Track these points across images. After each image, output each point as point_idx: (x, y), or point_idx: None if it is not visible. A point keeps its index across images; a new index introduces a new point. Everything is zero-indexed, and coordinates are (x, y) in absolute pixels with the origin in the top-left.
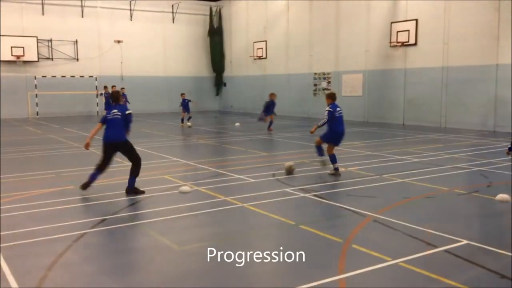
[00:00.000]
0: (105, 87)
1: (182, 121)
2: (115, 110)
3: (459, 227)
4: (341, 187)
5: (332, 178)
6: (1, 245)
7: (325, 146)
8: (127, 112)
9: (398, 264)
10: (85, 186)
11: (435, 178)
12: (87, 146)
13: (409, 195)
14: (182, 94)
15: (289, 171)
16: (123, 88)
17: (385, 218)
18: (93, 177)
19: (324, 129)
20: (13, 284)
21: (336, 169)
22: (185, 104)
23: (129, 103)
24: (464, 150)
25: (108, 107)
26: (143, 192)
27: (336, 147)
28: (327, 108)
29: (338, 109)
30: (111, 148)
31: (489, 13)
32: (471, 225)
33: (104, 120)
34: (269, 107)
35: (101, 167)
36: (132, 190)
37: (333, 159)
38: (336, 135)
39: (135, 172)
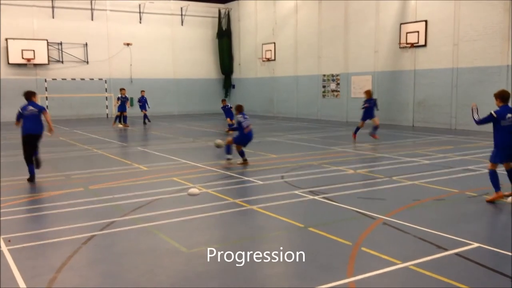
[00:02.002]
0: (122, 90)
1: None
2: (31, 107)
3: (470, 230)
4: (351, 189)
5: (245, 167)
6: (11, 247)
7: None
8: (42, 107)
9: (408, 267)
10: (30, 179)
11: (446, 180)
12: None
13: (419, 197)
14: (142, 92)
15: (218, 145)
16: (143, 91)
17: (395, 220)
18: (31, 170)
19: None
20: (23, 286)
21: (245, 160)
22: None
23: (149, 107)
24: (474, 151)
25: (121, 108)
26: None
27: (345, 150)
28: (238, 117)
29: (246, 116)
30: (29, 139)
31: (500, 14)
32: (482, 228)
33: (21, 116)
34: (369, 108)
35: (28, 158)
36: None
37: (241, 153)
38: (245, 138)
39: (37, 163)
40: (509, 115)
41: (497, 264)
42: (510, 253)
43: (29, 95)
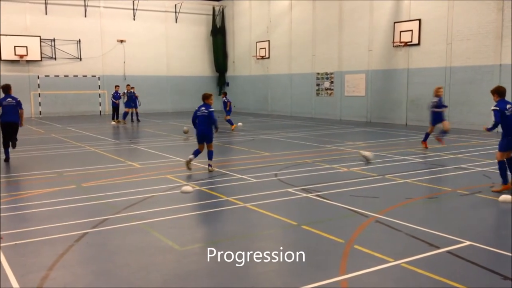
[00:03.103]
0: (128, 85)
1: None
2: (9, 99)
3: (462, 228)
4: (344, 187)
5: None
6: (2, 244)
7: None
8: (18, 99)
9: (400, 265)
10: (6, 160)
11: (438, 179)
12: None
13: (412, 195)
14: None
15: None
16: (133, 87)
17: (387, 218)
18: (6, 153)
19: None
20: (14, 284)
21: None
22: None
23: (139, 105)
24: (467, 150)
25: (128, 104)
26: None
27: (338, 148)
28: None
29: (202, 108)
30: (6, 127)
31: (493, 13)
32: (474, 226)
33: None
34: (438, 108)
35: (5, 144)
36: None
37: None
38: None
39: (13, 145)
40: (508, 106)
41: (488, 262)
42: (501, 251)
43: (7, 89)
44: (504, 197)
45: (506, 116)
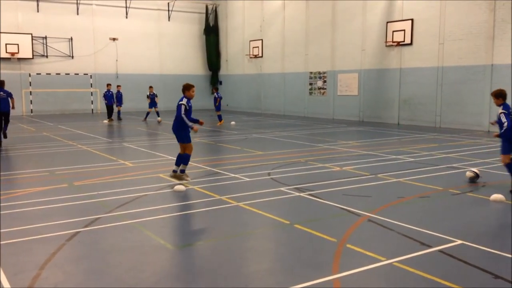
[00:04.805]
0: (151, 87)
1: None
2: (1, 92)
3: (454, 227)
4: (336, 186)
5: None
6: None
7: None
8: (9, 92)
9: (392, 264)
10: None
11: (430, 178)
12: None
13: (404, 194)
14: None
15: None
16: (119, 85)
17: (379, 217)
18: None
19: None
20: (5, 283)
21: (174, 171)
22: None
23: (121, 105)
24: (458, 150)
25: (152, 105)
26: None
27: (331, 147)
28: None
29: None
30: (0, 115)
31: (485, 13)
32: (466, 225)
33: None
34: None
35: None
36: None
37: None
38: None
39: (4, 135)
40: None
41: (480, 261)
42: (492, 250)
43: (2, 84)
44: (495, 196)
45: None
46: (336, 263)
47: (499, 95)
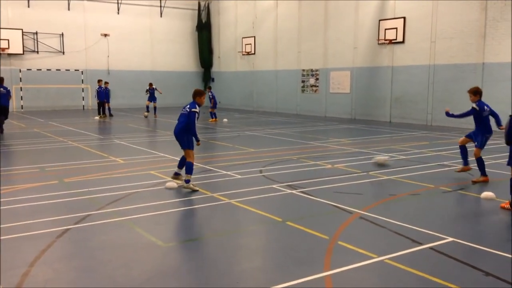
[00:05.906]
0: (151, 84)
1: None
2: (1, 89)
3: (445, 225)
4: (328, 183)
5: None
6: None
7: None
8: (8, 89)
9: (383, 261)
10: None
11: (421, 176)
12: None
13: (395, 192)
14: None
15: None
16: (107, 82)
17: (371, 215)
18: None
19: None
20: None
21: (176, 173)
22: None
23: (109, 101)
24: (449, 147)
25: (151, 99)
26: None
27: (323, 144)
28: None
29: (187, 106)
30: (0, 109)
31: (476, 12)
32: (457, 223)
33: None
34: None
35: None
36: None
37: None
38: None
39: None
40: (485, 107)
41: (470, 258)
42: (483, 247)
43: (1, 80)
44: (486, 194)
45: (484, 116)
46: (327, 260)
47: (476, 93)
